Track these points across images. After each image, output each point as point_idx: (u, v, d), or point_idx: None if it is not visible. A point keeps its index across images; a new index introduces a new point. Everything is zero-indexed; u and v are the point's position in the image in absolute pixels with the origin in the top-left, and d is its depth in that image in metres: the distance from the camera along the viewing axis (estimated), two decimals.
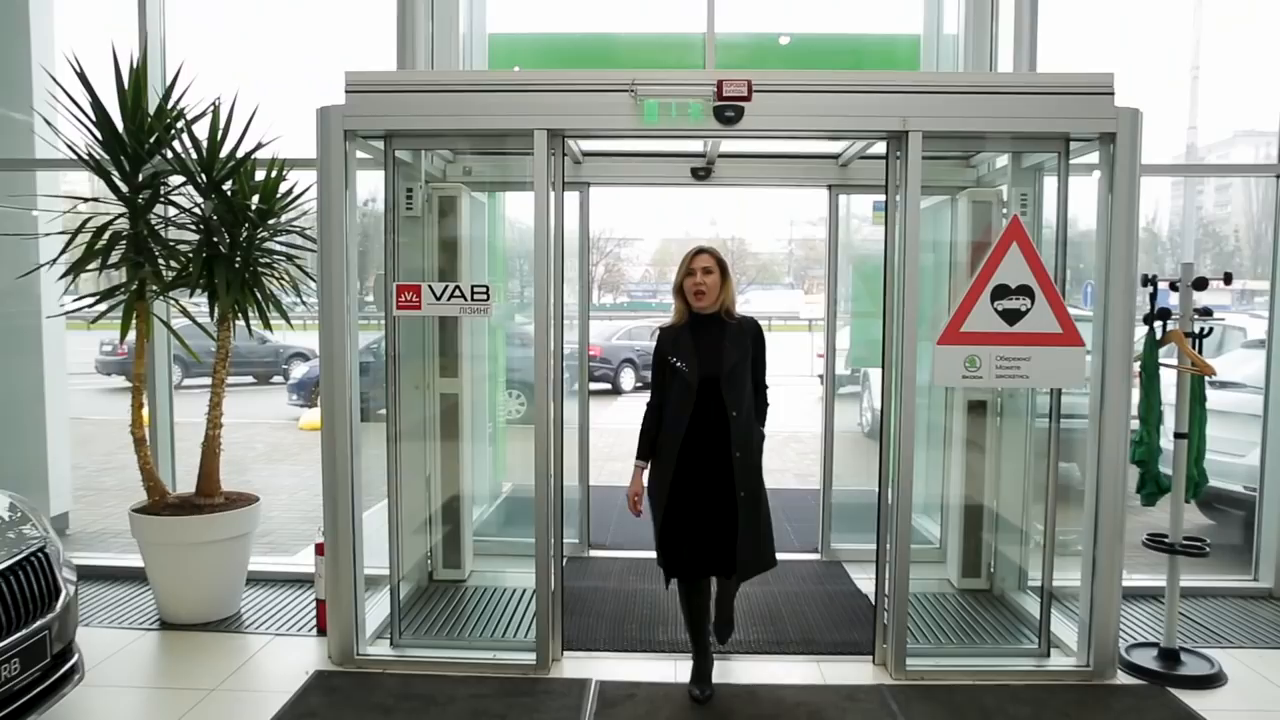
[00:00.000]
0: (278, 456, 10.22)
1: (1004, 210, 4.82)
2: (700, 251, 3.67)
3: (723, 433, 3.57)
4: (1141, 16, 7.14)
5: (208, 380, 4.74)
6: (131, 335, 4.69)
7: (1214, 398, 6.36)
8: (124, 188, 4.53)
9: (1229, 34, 6.08)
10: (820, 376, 7.92)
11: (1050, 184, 4.52)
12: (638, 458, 3.79)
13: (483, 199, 5.66)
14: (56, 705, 3.15)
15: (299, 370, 13.98)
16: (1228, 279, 4.05)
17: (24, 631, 2.92)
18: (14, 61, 5.77)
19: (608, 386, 17.46)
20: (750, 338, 3.70)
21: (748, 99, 3.75)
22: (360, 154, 4.06)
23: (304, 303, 4.88)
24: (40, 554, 3.16)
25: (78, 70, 4.37)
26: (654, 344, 3.78)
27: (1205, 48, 6.29)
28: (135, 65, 4.55)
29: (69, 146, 4.52)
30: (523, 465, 6.98)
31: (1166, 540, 4.13)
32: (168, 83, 4.66)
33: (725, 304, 3.68)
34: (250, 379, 17.63)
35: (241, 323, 4.69)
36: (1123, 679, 4.02)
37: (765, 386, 3.82)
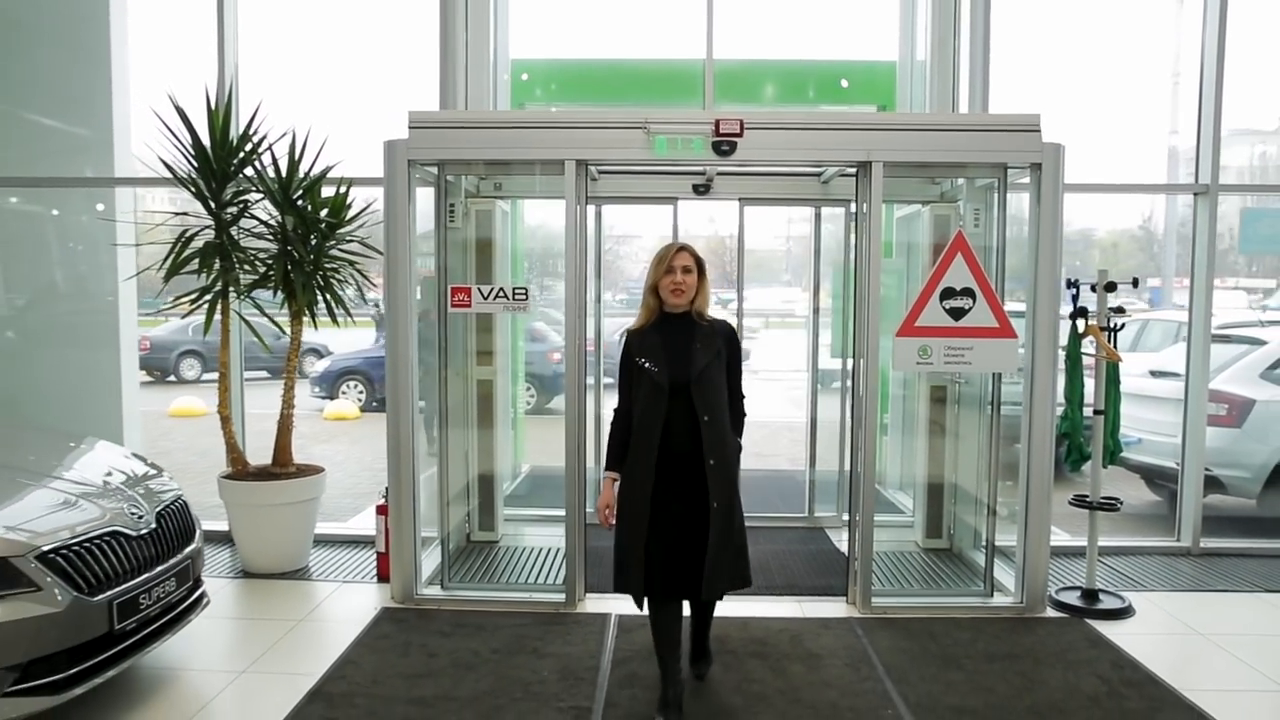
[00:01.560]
0: (310, 442, 11.03)
1: (960, 221, 5.64)
2: (681, 249, 3.51)
3: (695, 439, 3.40)
4: (1120, 26, 7.88)
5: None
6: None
7: (1156, 386, 7.26)
8: (212, 204, 5.34)
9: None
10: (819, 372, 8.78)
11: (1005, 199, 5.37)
12: (608, 468, 3.59)
13: (506, 207, 6.46)
14: (188, 626, 3.96)
15: (319, 365, 14.81)
16: (1135, 283, 4.88)
17: (176, 558, 3.74)
18: (96, 91, 6.59)
19: (610, 380, 18.29)
20: (723, 340, 3.53)
21: (740, 135, 4.57)
22: None
23: (365, 300, 5.70)
24: (181, 500, 3.99)
25: (178, 108, 5.18)
26: (620, 346, 3.61)
27: (1186, 52, 6.63)
28: (220, 100, 5.37)
29: (166, 167, 5.32)
30: (537, 448, 7.89)
31: (1087, 499, 4.96)
32: (239, 111, 5.48)
33: (698, 305, 3.54)
34: (265, 373, 18.52)
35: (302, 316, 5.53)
36: (1050, 613, 4.87)
37: (741, 395, 3.68)
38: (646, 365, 3.46)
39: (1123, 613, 4.82)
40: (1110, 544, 6.03)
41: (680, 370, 3.43)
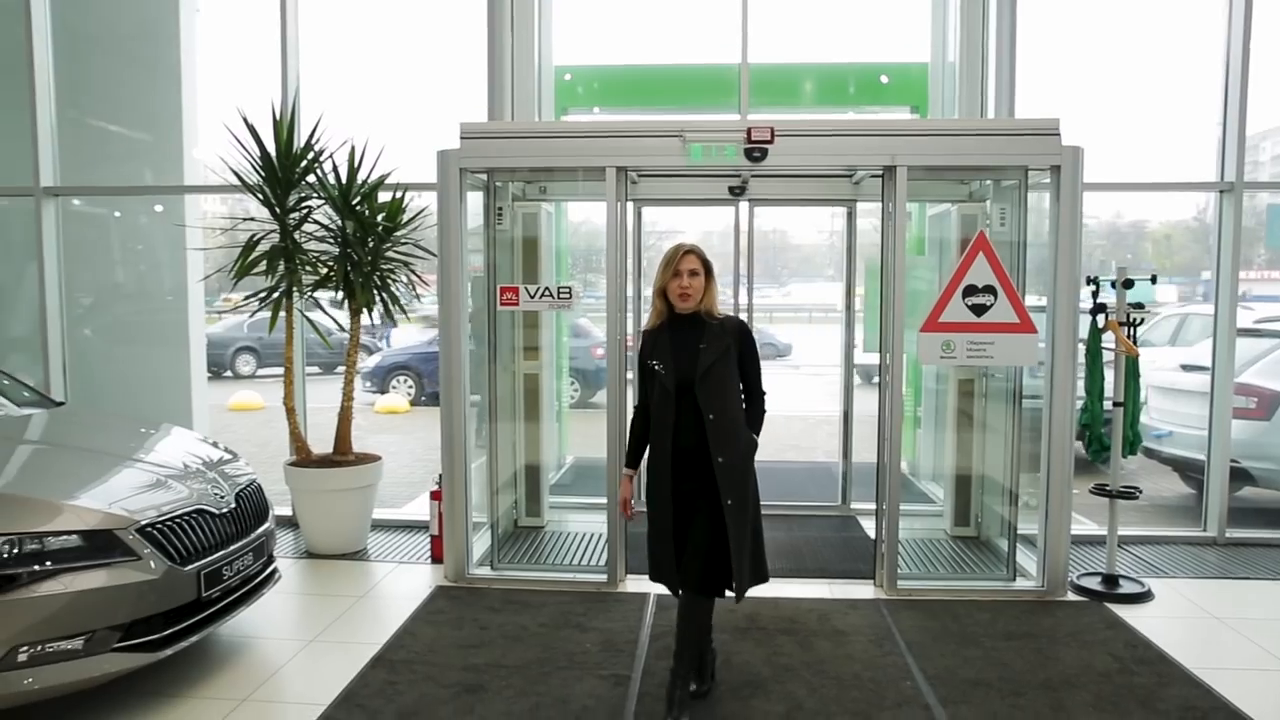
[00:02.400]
0: (364, 434, 11.47)
1: (987, 221, 5.84)
2: (687, 252, 3.53)
3: (702, 438, 3.46)
4: (1168, 14, 7.91)
5: (278, 369, 5.96)
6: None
7: (1187, 379, 7.38)
8: (277, 209, 5.72)
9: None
10: (857, 368, 8.98)
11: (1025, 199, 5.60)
12: (626, 465, 3.76)
13: (551, 209, 6.78)
14: (260, 599, 4.33)
15: (370, 361, 15.31)
16: (1153, 279, 5.06)
17: (253, 535, 4.12)
18: (168, 105, 7.04)
19: None
20: (733, 337, 3.55)
21: (770, 142, 4.83)
22: None
23: (419, 299, 6.07)
24: (255, 483, 4.38)
25: (247, 122, 5.57)
26: (637, 346, 3.71)
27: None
28: (284, 113, 5.76)
29: (236, 176, 5.72)
30: (581, 441, 8.22)
31: (1107, 487, 5.15)
32: (300, 122, 5.86)
33: (706, 305, 3.57)
34: (316, 369, 19.15)
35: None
36: (1071, 597, 5.07)
37: (761, 393, 3.68)
38: (657, 367, 3.53)
39: (1142, 597, 5.01)
40: (1137, 533, 6.20)
41: (686, 370, 3.48)
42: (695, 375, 3.46)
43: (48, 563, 3.26)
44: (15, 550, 3.20)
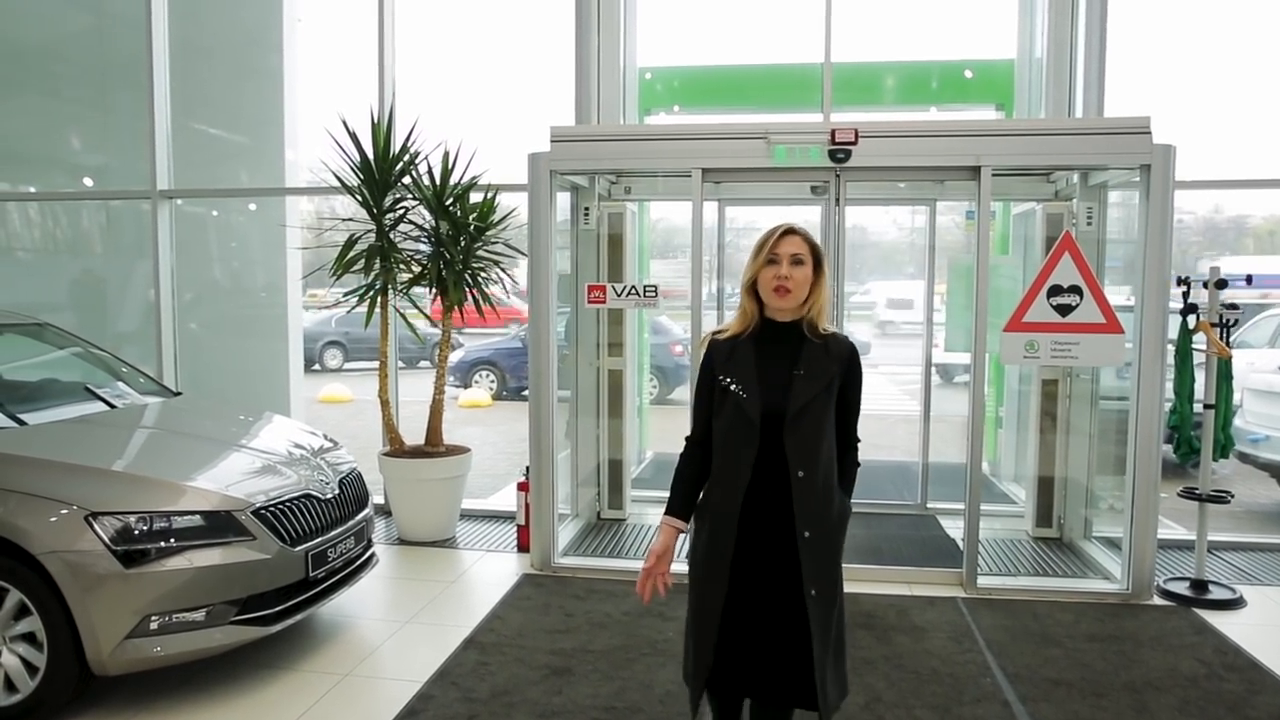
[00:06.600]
0: (450, 426, 11.75)
1: (1073, 220, 5.78)
2: (789, 232, 2.56)
3: (785, 498, 2.50)
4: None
5: (364, 363, 6.20)
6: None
7: None
8: (374, 210, 5.99)
9: None
10: (938, 367, 8.93)
11: (1113, 197, 5.55)
12: (668, 512, 2.66)
13: (635, 208, 6.92)
14: (359, 581, 4.57)
15: (453, 356, 15.72)
16: (1249, 280, 4.96)
17: (354, 520, 4.36)
18: (269, 111, 7.41)
19: None
20: (840, 366, 2.57)
21: (855, 144, 4.88)
22: None
23: (508, 295, 6.28)
24: (356, 471, 4.62)
25: (349, 129, 5.84)
26: (701, 355, 2.71)
27: None
28: (382, 117, 6.03)
29: (337, 178, 6.01)
30: (660, 436, 8.37)
31: (1197, 491, 5.07)
32: (396, 126, 6.12)
33: (811, 312, 2.58)
34: (401, 364, 19.69)
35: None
36: (1157, 601, 5.01)
37: (857, 440, 2.72)
38: (732, 386, 2.55)
39: (1233, 603, 4.92)
40: (1230, 539, 6.06)
41: (774, 398, 2.52)
42: (786, 410, 2.51)
43: (173, 540, 3.52)
44: (146, 527, 3.47)
